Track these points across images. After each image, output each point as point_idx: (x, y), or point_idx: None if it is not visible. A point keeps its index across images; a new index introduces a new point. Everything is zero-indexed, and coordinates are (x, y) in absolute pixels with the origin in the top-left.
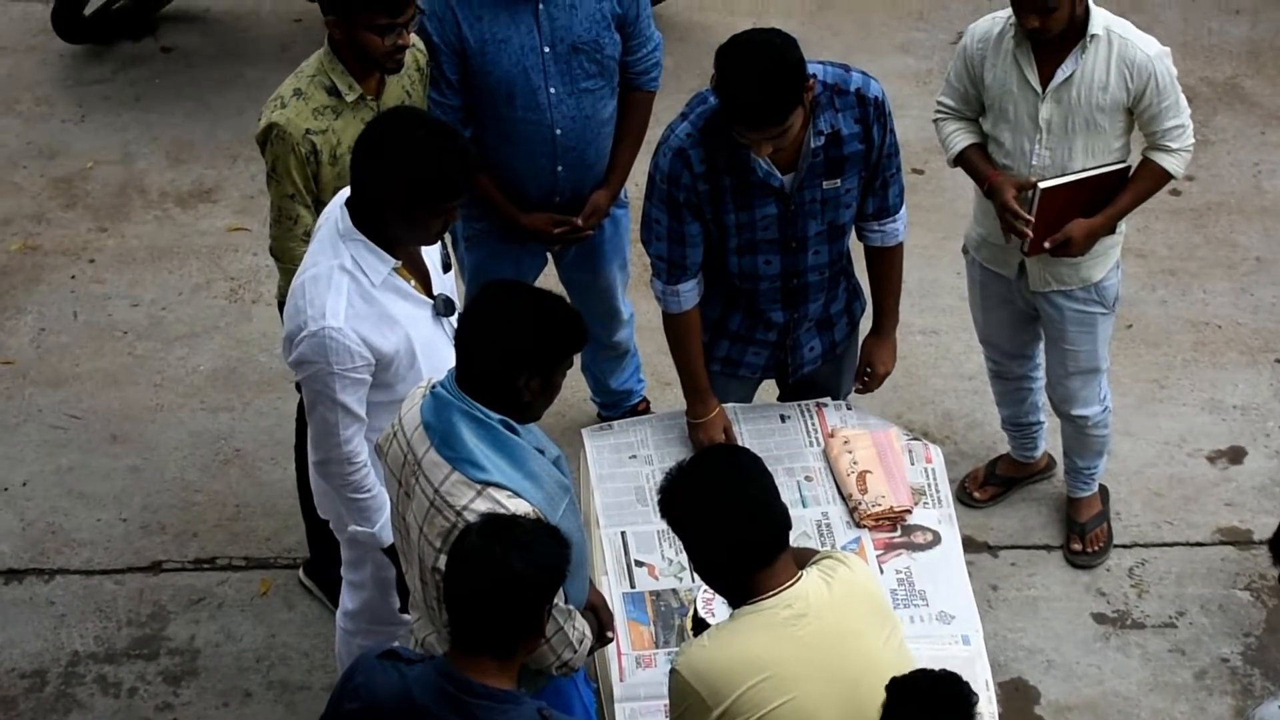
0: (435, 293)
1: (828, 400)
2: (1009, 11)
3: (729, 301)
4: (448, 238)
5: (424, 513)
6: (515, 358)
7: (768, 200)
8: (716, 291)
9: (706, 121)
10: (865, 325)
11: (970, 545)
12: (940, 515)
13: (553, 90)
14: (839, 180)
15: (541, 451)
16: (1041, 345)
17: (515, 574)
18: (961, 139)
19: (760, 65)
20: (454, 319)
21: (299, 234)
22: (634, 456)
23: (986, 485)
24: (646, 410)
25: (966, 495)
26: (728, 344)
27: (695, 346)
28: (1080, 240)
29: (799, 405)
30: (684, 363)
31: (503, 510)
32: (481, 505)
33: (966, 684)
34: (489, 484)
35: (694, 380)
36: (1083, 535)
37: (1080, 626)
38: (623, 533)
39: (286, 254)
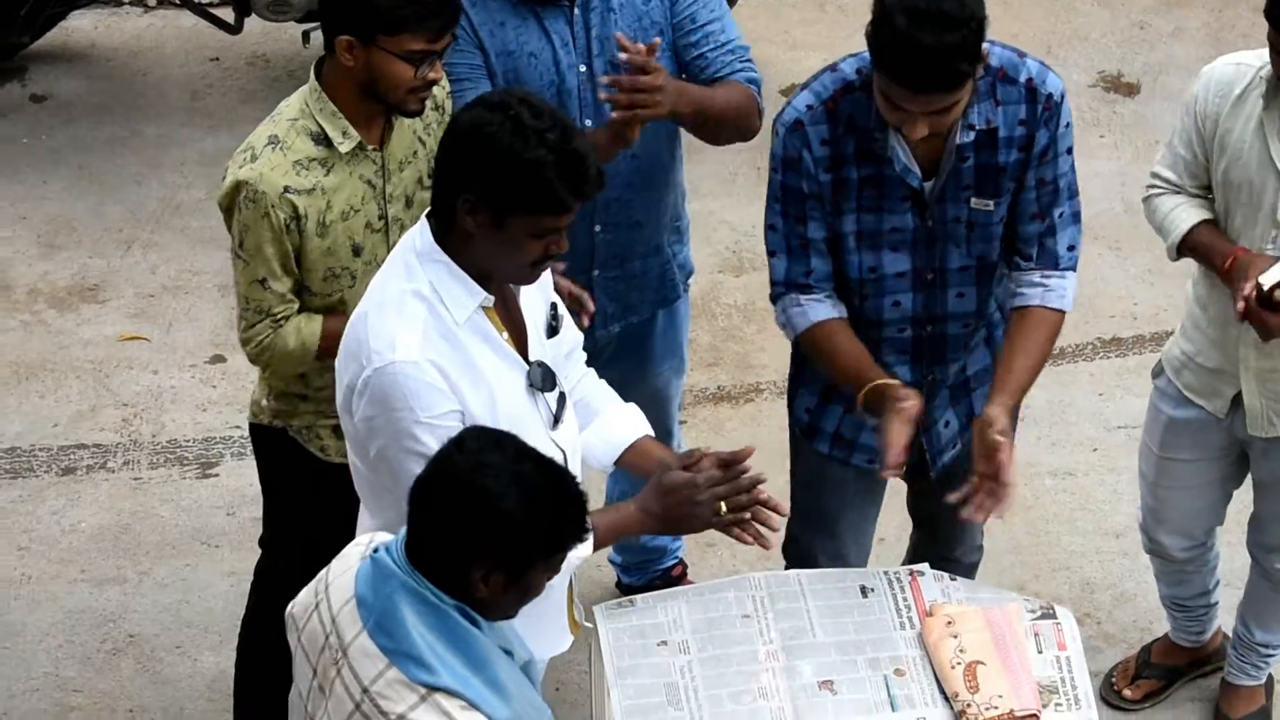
0: (532, 358)
1: (924, 568)
2: (1261, 57)
3: None
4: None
5: (345, 717)
6: (471, 543)
7: (903, 207)
8: None
9: (835, 93)
10: None
11: None
12: None
13: (588, 123)
14: (992, 203)
15: (509, 653)
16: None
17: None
18: (1188, 215)
19: (941, 6)
20: (553, 399)
21: (273, 330)
22: (664, 643)
23: (1140, 680)
24: (683, 579)
25: (1114, 694)
26: (840, 414)
27: (850, 344)
28: None
29: (885, 574)
30: (840, 365)
31: None
32: (425, 716)
33: None
34: (436, 689)
35: (859, 370)
36: None
37: None
38: None
39: (270, 352)
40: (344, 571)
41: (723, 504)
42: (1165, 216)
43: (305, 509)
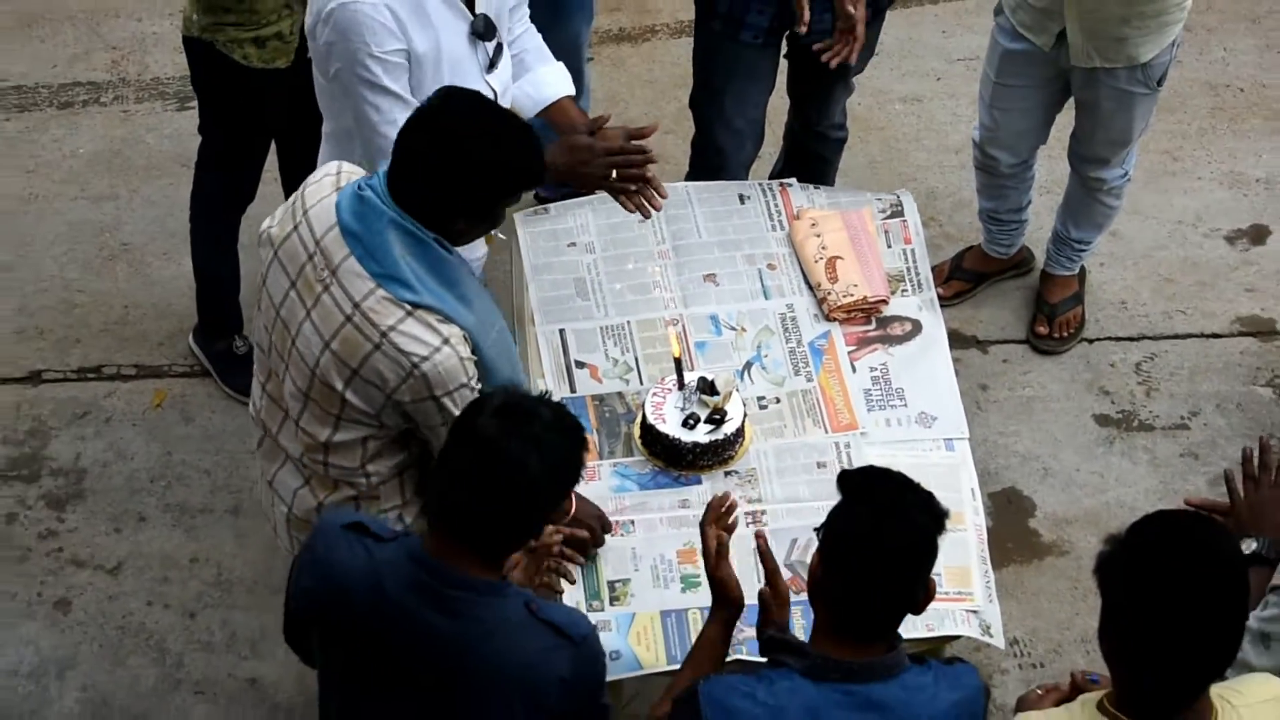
0: (478, 10)
1: (792, 180)
2: None
3: None
4: None
5: (335, 325)
6: (460, 199)
7: None
8: None
9: None
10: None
11: (957, 340)
12: (921, 301)
13: None
14: None
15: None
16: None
17: (530, 478)
18: None
19: None
20: (491, 47)
21: None
22: (573, 244)
23: (951, 280)
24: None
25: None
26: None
27: None
28: None
29: (760, 184)
30: None
31: (434, 332)
32: (411, 327)
33: (915, 485)
34: (419, 306)
35: None
36: (1051, 318)
37: (1081, 430)
38: (561, 330)
39: None
40: (321, 199)
41: (614, 171)
42: None
43: (232, 109)
